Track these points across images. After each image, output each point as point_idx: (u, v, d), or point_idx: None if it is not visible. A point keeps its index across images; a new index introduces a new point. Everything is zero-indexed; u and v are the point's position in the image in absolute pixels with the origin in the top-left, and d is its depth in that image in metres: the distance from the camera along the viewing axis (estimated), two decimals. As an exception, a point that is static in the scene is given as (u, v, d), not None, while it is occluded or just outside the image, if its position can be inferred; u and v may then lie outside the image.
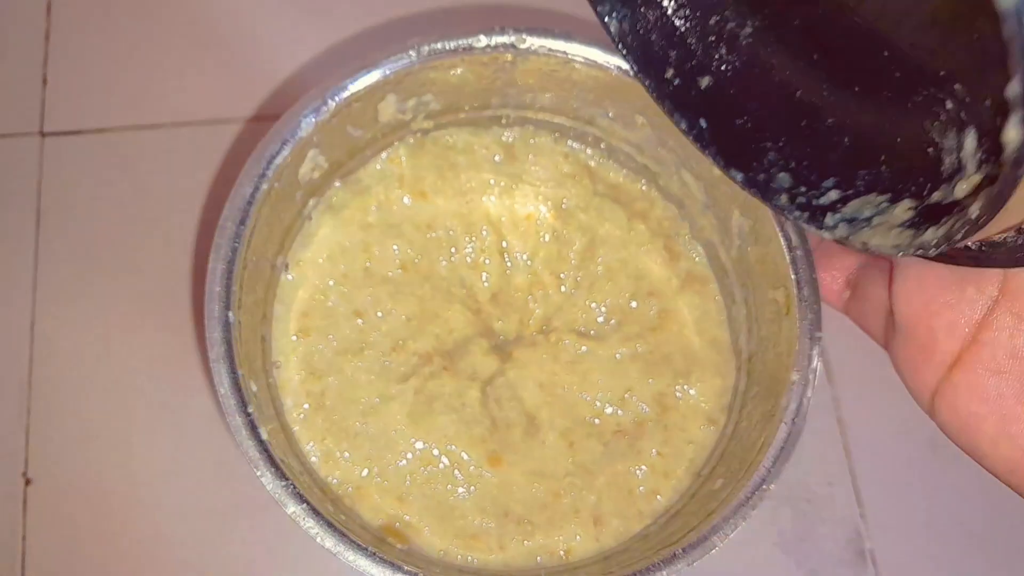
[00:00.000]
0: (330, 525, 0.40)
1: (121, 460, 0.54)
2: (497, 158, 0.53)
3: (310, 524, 0.39)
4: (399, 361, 0.49)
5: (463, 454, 0.47)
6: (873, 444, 0.56)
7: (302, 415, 0.47)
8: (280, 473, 0.40)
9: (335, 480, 0.47)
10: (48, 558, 0.52)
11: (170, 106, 0.62)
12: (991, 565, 0.54)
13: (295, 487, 0.40)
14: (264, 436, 0.41)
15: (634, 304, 0.51)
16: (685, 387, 0.49)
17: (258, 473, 0.40)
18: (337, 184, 0.52)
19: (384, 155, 0.53)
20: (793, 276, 0.45)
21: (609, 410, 0.50)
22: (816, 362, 0.44)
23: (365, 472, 0.47)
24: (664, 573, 0.40)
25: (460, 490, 0.47)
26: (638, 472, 0.48)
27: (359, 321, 0.50)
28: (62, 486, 0.54)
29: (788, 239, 0.46)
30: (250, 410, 0.41)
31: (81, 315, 0.57)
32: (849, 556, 0.54)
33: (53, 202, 0.59)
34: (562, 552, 0.47)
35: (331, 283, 0.50)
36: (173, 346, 0.55)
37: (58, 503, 0.53)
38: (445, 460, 0.47)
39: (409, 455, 0.47)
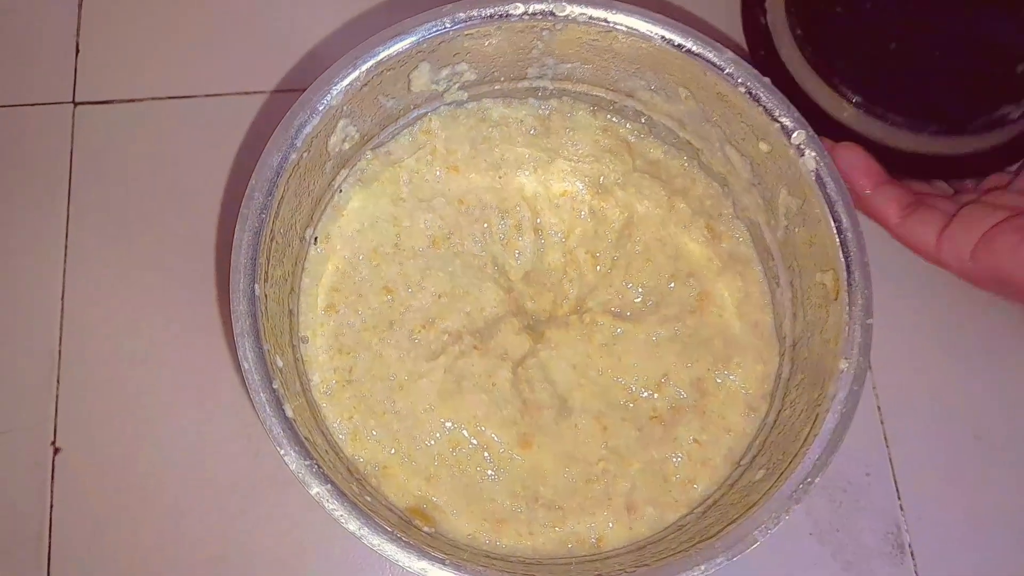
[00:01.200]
0: (355, 507, 0.39)
1: (148, 431, 0.53)
2: (533, 131, 0.52)
3: (334, 506, 0.38)
4: (429, 339, 0.48)
5: (493, 435, 0.46)
6: (913, 433, 0.54)
7: (329, 391, 0.46)
8: (305, 452, 0.39)
9: (361, 459, 0.46)
10: (75, 526, 0.52)
11: (199, 77, 0.61)
12: (1036, 562, 0.52)
13: (319, 467, 0.39)
14: (289, 413, 0.40)
15: (672, 285, 0.50)
16: (725, 372, 0.48)
17: (282, 452, 0.39)
18: (368, 155, 0.50)
19: (417, 126, 0.51)
20: (843, 259, 0.43)
21: (645, 394, 0.48)
22: (867, 350, 0.42)
23: (393, 451, 0.46)
24: (702, 567, 0.38)
25: (489, 472, 0.46)
26: (674, 459, 0.47)
27: (388, 297, 0.49)
28: (90, 456, 0.53)
29: (838, 220, 0.44)
30: (275, 386, 0.40)
31: (111, 285, 0.56)
32: (887, 549, 0.52)
33: (84, 172, 0.59)
34: (594, 540, 0.45)
35: (360, 257, 0.49)
36: (200, 318, 0.54)
37: (86, 472, 0.53)
38: (474, 441, 0.46)
39: (438, 435, 0.46)
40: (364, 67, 0.45)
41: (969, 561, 0.53)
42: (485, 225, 0.51)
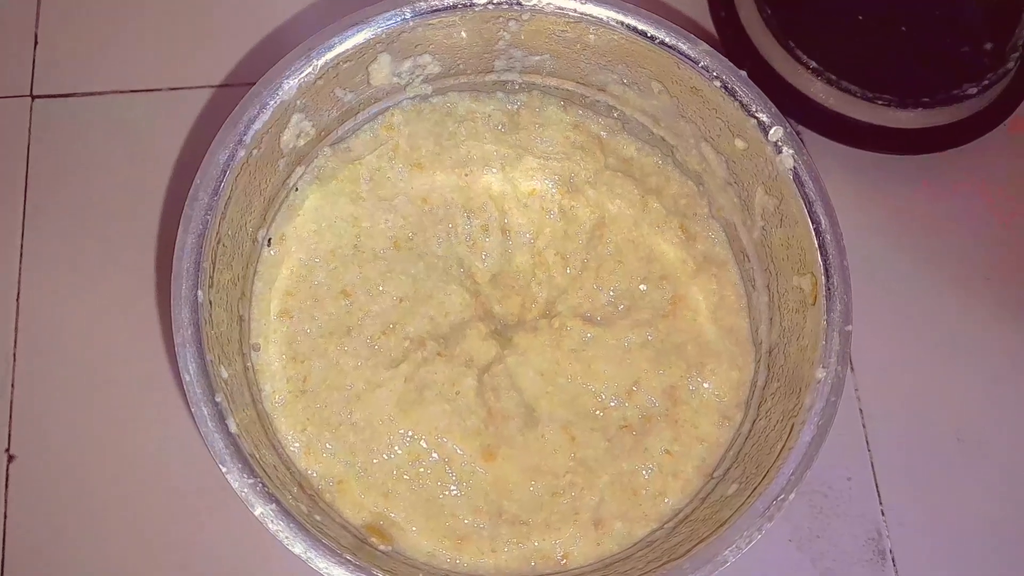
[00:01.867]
0: (301, 528, 0.36)
1: (104, 438, 0.51)
2: (501, 127, 0.51)
3: (278, 527, 0.36)
4: (389, 345, 0.46)
5: (455, 447, 0.45)
6: (896, 436, 0.54)
7: (282, 402, 0.45)
8: (248, 469, 0.37)
9: (315, 474, 0.44)
10: (29, 535, 0.50)
11: (163, 69, 0.59)
12: (1021, 568, 0.52)
13: (264, 486, 0.37)
14: (233, 428, 0.38)
15: (644, 288, 0.49)
16: (698, 380, 0.47)
17: (224, 469, 0.37)
18: (326, 152, 0.48)
19: (378, 122, 0.49)
20: (821, 262, 0.42)
21: (615, 403, 0.47)
22: (845, 358, 0.40)
23: (349, 465, 0.44)
24: (670, 589, 0.36)
25: (451, 487, 0.44)
26: (644, 471, 0.45)
27: (346, 301, 0.47)
28: (45, 463, 0.52)
29: (816, 221, 0.42)
30: (218, 399, 0.38)
31: (68, 286, 0.54)
32: (868, 555, 0.51)
33: (41, 167, 0.57)
34: (559, 557, 0.44)
35: (317, 260, 0.47)
36: (143, 325, 0.52)
37: (40, 480, 0.52)
38: (435, 454, 0.45)
39: (397, 447, 0.45)
40: (319, 60, 0.43)
41: (952, 568, 0.52)
42: (450, 225, 0.49)
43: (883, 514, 0.52)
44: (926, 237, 0.58)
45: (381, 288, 0.47)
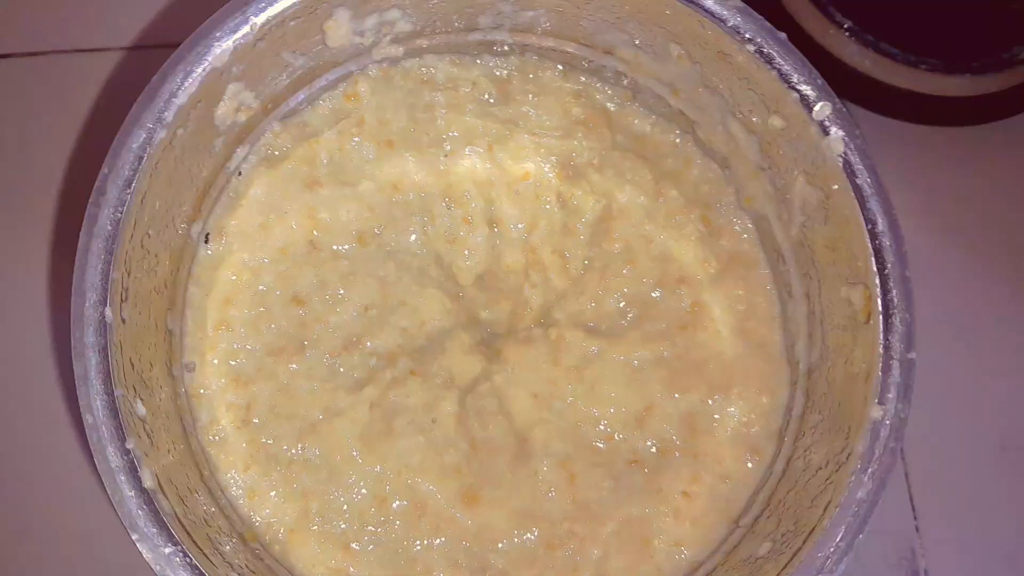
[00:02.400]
0: None
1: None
2: (488, 97, 0.46)
3: None
4: (351, 363, 0.42)
5: (431, 488, 0.40)
6: (933, 445, 0.51)
7: (221, 435, 0.39)
8: (166, 535, 0.32)
9: (260, 521, 0.39)
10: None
11: (56, 29, 0.53)
12: (1066, 590, 0.51)
13: (185, 555, 0.32)
14: (148, 482, 0.32)
15: (658, 294, 0.44)
16: (722, 405, 0.43)
17: (135, 537, 0.32)
18: (275, 127, 0.43)
19: (339, 90, 0.44)
20: (876, 271, 0.37)
21: (622, 433, 0.42)
22: (908, 394, 0.35)
23: (301, 512, 0.39)
24: None
25: (425, 538, 0.40)
26: (657, 518, 0.40)
27: (299, 310, 0.42)
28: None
29: (871, 221, 0.37)
30: (129, 445, 0.32)
31: None
32: (900, 575, 0.49)
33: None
34: None
35: (265, 259, 0.42)
36: (32, 348, 0.47)
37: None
38: (406, 498, 0.40)
39: (360, 490, 0.40)
40: (258, 18, 0.37)
41: None
42: (426, 217, 0.45)
43: (917, 531, 0.50)
44: (972, 220, 0.55)
45: (342, 293, 0.43)
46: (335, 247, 0.43)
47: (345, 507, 0.39)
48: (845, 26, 0.52)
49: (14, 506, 0.46)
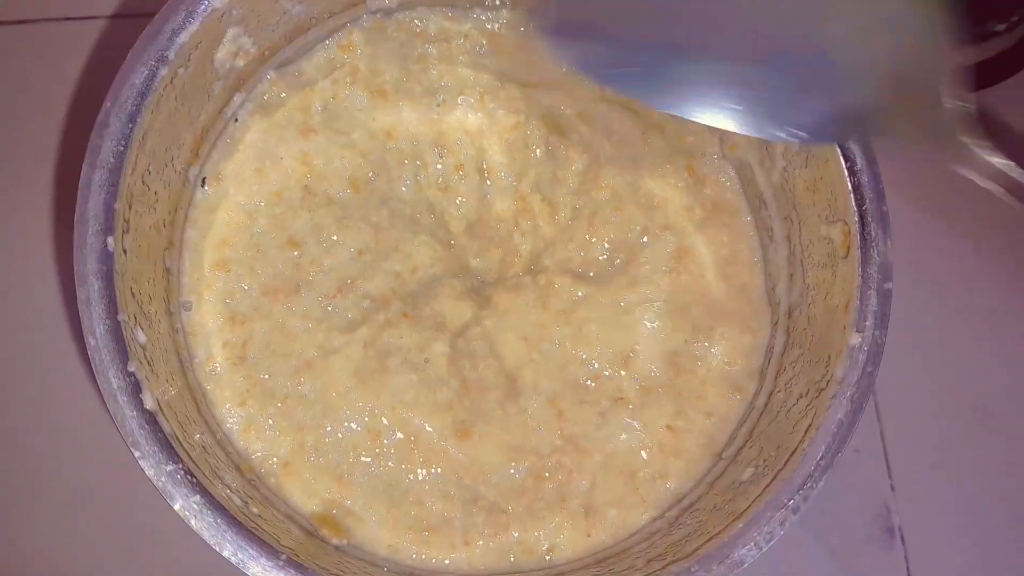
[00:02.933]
0: (232, 524, 0.31)
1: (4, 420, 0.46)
2: (479, 49, 0.45)
3: (204, 524, 0.31)
4: (345, 305, 0.42)
5: (423, 424, 0.40)
6: (908, 405, 0.51)
7: (216, 370, 0.39)
8: (168, 453, 0.32)
9: (257, 454, 0.39)
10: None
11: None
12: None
13: (188, 473, 0.32)
14: (149, 404, 0.32)
15: (645, 240, 0.44)
16: (705, 345, 0.43)
17: (136, 454, 0.32)
18: (271, 75, 0.43)
19: (333, 40, 0.44)
20: (855, 207, 0.38)
21: (609, 372, 0.42)
22: (884, 321, 0.36)
23: (297, 445, 0.39)
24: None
25: (418, 470, 0.40)
26: (643, 451, 0.41)
27: (294, 253, 0.42)
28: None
29: (851, 159, 0.38)
30: (131, 368, 0.32)
31: None
32: (876, 532, 0.50)
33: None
34: (544, 550, 0.39)
35: (260, 203, 0.42)
36: (38, 278, 0.47)
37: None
38: (399, 432, 0.40)
39: (354, 424, 0.40)
40: None
41: (964, 547, 0.50)
42: (418, 163, 0.45)
43: (892, 489, 0.50)
44: (944, 193, 0.55)
45: (336, 238, 0.42)
46: (329, 193, 0.43)
47: (340, 441, 0.39)
48: None
49: (21, 423, 0.46)
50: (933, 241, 0.53)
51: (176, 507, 0.31)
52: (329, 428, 0.40)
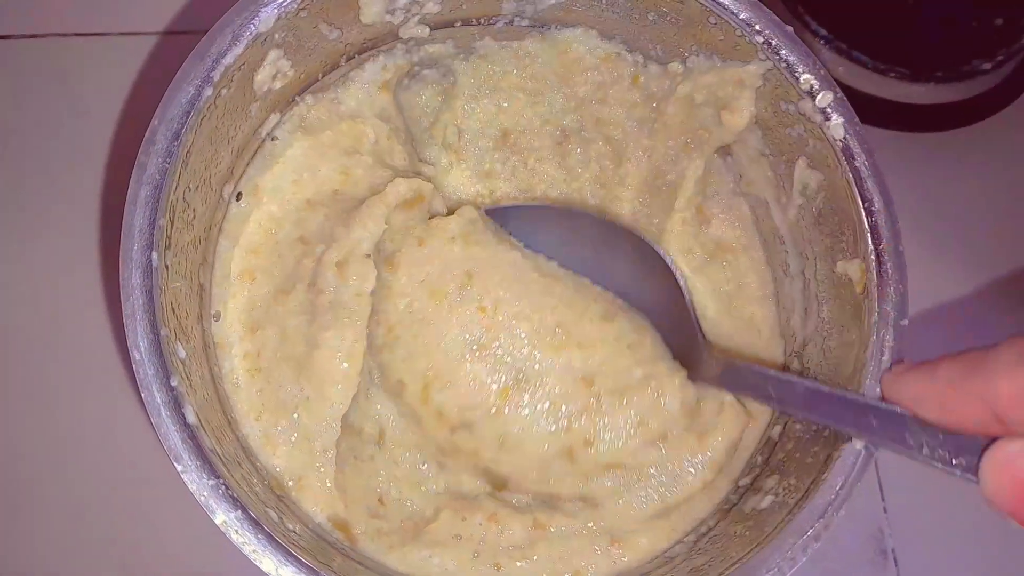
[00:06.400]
0: (271, 540, 0.31)
1: (38, 425, 0.46)
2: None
3: (245, 539, 0.31)
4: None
5: None
6: None
7: (237, 382, 0.39)
8: (209, 468, 0.32)
9: (279, 468, 0.38)
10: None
11: (108, 13, 0.53)
12: (1030, 572, 0.51)
13: (227, 488, 0.31)
14: (191, 418, 0.32)
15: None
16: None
17: (180, 468, 0.31)
18: (308, 100, 0.42)
19: (367, 69, 0.43)
20: (872, 246, 0.38)
21: None
22: (900, 357, 0.36)
23: (307, 454, 0.38)
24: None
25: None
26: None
27: (302, 248, 0.41)
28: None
29: (868, 200, 0.38)
30: (174, 383, 0.32)
31: (7, 249, 0.49)
32: (869, 554, 0.50)
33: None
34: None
35: (290, 211, 0.41)
36: (85, 293, 0.47)
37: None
38: None
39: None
40: None
41: (956, 569, 0.50)
42: None
43: (885, 511, 0.50)
44: (936, 219, 0.56)
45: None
46: (358, 197, 0.42)
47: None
48: (821, 35, 0.54)
49: (65, 433, 0.46)
50: (928, 268, 0.53)
51: (218, 521, 0.31)
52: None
